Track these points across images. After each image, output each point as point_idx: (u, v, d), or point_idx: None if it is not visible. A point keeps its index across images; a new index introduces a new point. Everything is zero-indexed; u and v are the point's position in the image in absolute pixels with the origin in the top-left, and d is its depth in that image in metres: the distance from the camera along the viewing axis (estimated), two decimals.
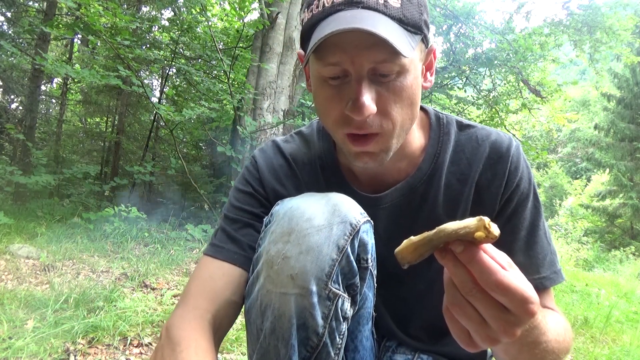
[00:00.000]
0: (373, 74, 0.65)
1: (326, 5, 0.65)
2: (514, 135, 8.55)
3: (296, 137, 0.91)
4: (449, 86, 7.75)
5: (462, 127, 0.84)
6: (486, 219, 0.46)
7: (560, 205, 18.80)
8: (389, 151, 0.72)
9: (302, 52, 0.73)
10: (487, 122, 7.75)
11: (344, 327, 0.69)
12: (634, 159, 15.63)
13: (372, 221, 0.72)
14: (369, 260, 0.71)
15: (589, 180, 20.68)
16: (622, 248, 12.00)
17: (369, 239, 0.71)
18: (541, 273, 0.76)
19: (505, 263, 0.49)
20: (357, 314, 0.75)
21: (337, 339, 0.68)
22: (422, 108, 0.86)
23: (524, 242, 0.77)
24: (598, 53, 7.99)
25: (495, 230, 0.46)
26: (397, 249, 0.50)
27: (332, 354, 0.68)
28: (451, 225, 0.47)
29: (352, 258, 0.67)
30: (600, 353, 2.69)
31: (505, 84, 8.23)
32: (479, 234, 0.45)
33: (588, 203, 16.93)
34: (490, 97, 7.96)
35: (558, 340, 0.65)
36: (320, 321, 0.64)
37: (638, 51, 13.14)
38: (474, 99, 8.02)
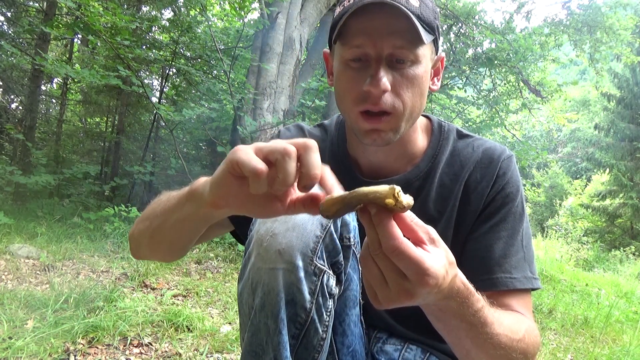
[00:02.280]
0: (390, 59, 0.75)
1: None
2: (513, 135, 8.55)
3: (318, 126, 1.01)
4: (449, 86, 7.74)
5: (461, 135, 0.92)
6: (397, 188, 0.48)
7: (560, 205, 18.79)
8: (397, 132, 0.79)
9: (327, 50, 0.86)
10: (487, 122, 7.74)
11: (331, 304, 0.72)
12: (634, 159, 15.63)
13: None
14: (352, 239, 0.76)
15: (589, 180, 20.66)
16: (622, 248, 11.99)
17: (351, 219, 0.76)
18: (512, 274, 0.79)
19: (426, 237, 0.53)
20: (343, 295, 0.78)
21: (325, 315, 0.71)
22: (427, 116, 0.95)
23: (503, 244, 0.81)
24: (598, 53, 7.99)
25: (404, 199, 0.48)
26: (320, 202, 0.52)
27: (320, 330, 0.71)
28: (365, 189, 0.49)
29: (335, 236, 0.71)
30: (600, 353, 2.69)
31: (505, 84, 8.23)
32: (389, 200, 0.48)
33: (588, 203, 16.92)
34: (490, 97, 7.96)
35: (512, 337, 0.67)
36: (307, 296, 0.68)
37: (638, 51, 13.15)
38: (474, 99, 8.01)
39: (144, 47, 5.70)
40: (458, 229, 0.85)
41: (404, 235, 0.51)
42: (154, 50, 5.72)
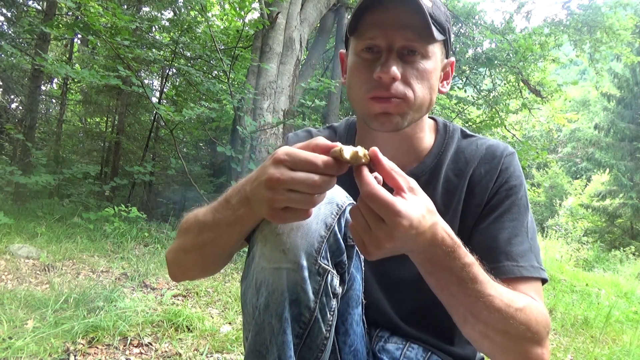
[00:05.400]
0: (401, 52, 0.78)
1: None
2: (513, 135, 8.55)
3: (327, 128, 1.04)
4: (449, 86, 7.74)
5: (465, 135, 0.96)
6: (338, 146, 0.57)
7: (560, 205, 18.78)
8: (405, 119, 0.81)
9: (343, 51, 0.91)
10: (487, 122, 7.74)
11: (334, 303, 0.72)
12: (634, 159, 15.63)
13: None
14: None
15: (589, 180, 20.65)
16: (622, 248, 11.99)
17: None
18: (519, 262, 0.80)
19: (405, 185, 0.60)
20: (346, 295, 0.79)
21: (328, 315, 0.71)
22: (433, 118, 0.98)
23: (508, 233, 0.82)
24: (598, 53, 8.00)
25: (346, 154, 0.57)
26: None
27: (324, 330, 0.71)
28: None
29: (339, 236, 0.71)
30: (600, 353, 2.69)
31: (505, 84, 8.23)
32: (342, 159, 0.58)
33: (588, 203, 16.92)
34: (490, 97, 7.96)
35: (508, 304, 0.67)
36: (311, 296, 0.68)
37: (638, 51, 13.15)
38: (474, 99, 8.01)
39: (144, 47, 5.69)
40: (464, 222, 0.87)
41: (387, 184, 0.59)
42: (154, 50, 5.71)
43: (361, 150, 0.58)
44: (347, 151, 0.57)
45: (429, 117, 0.98)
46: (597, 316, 3.53)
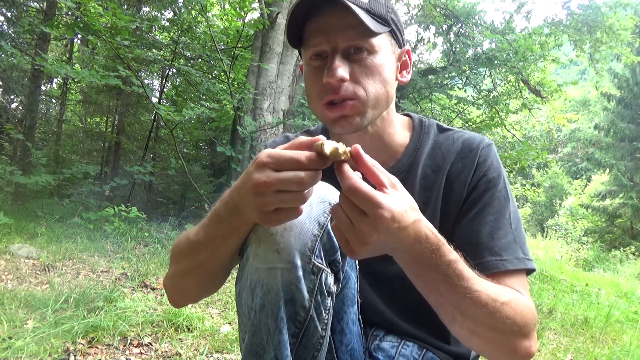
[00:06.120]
0: (346, 52, 0.78)
1: (303, 1, 0.77)
2: (513, 135, 8.54)
3: (304, 132, 1.06)
4: (449, 86, 7.74)
5: (442, 130, 0.95)
6: (320, 139, 0.58)
7: (560, 205, 18.79)
8: (364, 117, 0.81)
9: (302, 63, 0.89)
10: (487, 122, 7.73)
11: (329, 302, 0.72)
12: (634, 159, 15.63)
13: None
14: None
15: (589, 180, 20.66)
16: (622, 248, 11.99)
17: None
18: (503, 256, 0.79)
19: (387, 181, 0.60)
20: (341, 293, 0.79)
21: (323, 313, 0.71)
22: (408, 114, 0.98)
23: (490, 227, 0.82)
24: (598, 53, 7.99)
25: (326, 148, 0.57)
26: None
27: (320, 328, 0.71)
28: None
29: (332, 235, 0.71)
30: (600, 353, 2.69)
31: (505, 84, 8.22)
32: (325, 154, 0.58)
33: (588, 203, 16.92)
34: (490, 97, 7.96)
35: (494, 298, 0.67)
36: (306, 295, 0.68)
37: (638, 51, 13.15)
38: (474, 99, 8.00)
39: (144, 47, 5.69)
40: (445, 218, 0.87)
41: (368, 180, 0.59)
42: (154, 50, 5.71)
43: (341, 147, 0.58)
44: (328, 146, 0.57)
45: (405, 114, 0.98)
46: (597, 316, 3.53)
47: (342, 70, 0.76)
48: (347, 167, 0.58)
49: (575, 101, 20.69)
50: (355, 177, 0.57)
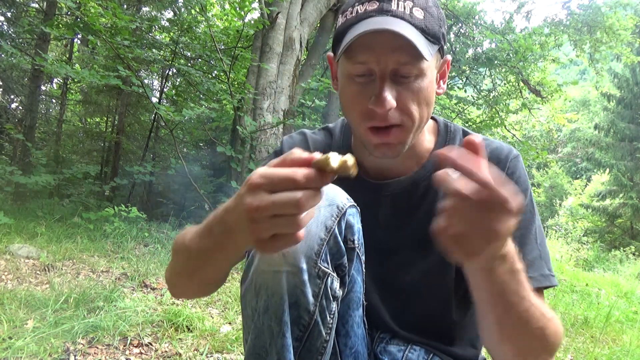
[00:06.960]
0: (394, 74, 0.74)
1: (359, 12, 0.74)
2: (513, 135, 8.55)
3: (322, 130, 1.01)
4: (449, 86, 7.75)
5: (467, 135, 0.90)
6: (330, 156, 0.51)
7: (560, 205, 18.80)
8: (406, 144, 0.79)
9: (331, 54, 0.84)
10: (487, 122, 7.74)
11: (334, 306, 0.72)
12: (634, 159, 15.63)
13: (357, 207, 0.77)
14: (356, 242, 0.75)
15: (589, 180, 20.67)
16: (622, 248, 11.99)
17: (355, 222, 0.75)
18: (529, 273, 0.78)
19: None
20: (346, 297, 0.78)
21: (328, 317, 0.71)
22: (433, 117, 0.93)
23: (516, 243, 0.80)
24: (598, 53, 8.00)
25: (333, 163, 0.50)
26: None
27: (324, 333, 0.71)
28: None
29: (339, 239, 0.70)
30: (600, 353, 2.69)
31: (505, 84, 8.23)
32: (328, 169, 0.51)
33: (588, 203, 16.92)
34: (490, 97, 7.96)
35: (544, 314, 0.66)
36: (311, 299, 0.68)
37: (638, 51, 13.14)
38: (474, 99, 8.01)
39: (144, 47, 5.69)
40: None
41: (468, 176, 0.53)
42: (153, 50, 5.71)
43: (350, 159, 0.52)
44: (335, 160, 0.50)
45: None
46: (597, 316, 3.53)
47: (391, 98, 0.72)
48: (477, 162, 0.52)
49: (575, 101, 20.70)
50: (485, 169, 0.51)
